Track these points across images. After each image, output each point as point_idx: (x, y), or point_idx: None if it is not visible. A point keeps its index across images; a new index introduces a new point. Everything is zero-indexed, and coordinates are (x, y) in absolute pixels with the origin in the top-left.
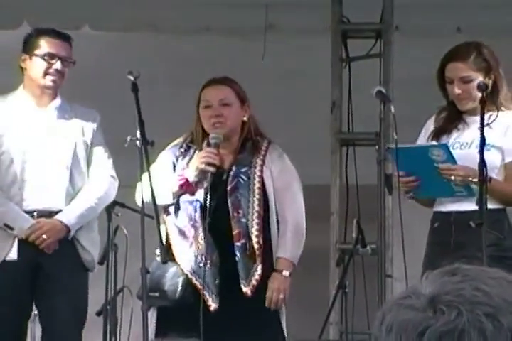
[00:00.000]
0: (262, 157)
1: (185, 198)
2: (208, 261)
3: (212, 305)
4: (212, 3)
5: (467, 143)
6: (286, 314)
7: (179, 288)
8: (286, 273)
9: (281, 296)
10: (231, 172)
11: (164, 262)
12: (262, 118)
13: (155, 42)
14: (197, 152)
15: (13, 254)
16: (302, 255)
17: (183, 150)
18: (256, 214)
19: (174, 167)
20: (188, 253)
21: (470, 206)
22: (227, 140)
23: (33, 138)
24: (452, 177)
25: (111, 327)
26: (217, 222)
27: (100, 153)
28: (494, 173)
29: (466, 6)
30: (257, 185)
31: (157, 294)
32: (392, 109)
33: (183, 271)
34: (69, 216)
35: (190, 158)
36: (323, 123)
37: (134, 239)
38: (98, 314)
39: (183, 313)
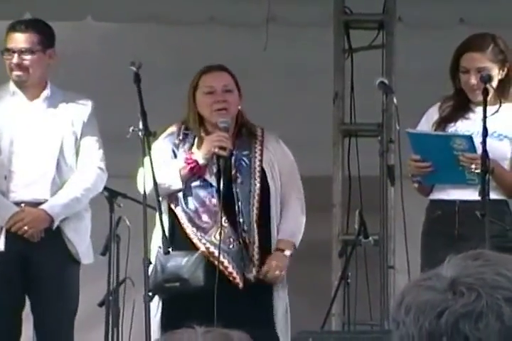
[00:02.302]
0: (259, 142)
1: (196, 183)
2: (236, 242)
3: (240, 283)
4: None
5: (478, 133)
6: (289, 304)
7: (202, 275)
8: (287, 252)
9: (277, 273)
10: (233, 157)
11: (166, 253)
12: (264, 110)
13: (157, 33)
14: (196, 138)
15: (0, 245)
16: (305, 246)
17: (181, 138)
18: (256, 200)
19: (175, 155)
20: (207, 237)
21: (475, 194)
22: None
23: (21, 130)
24: (473, 166)
25: (113, 318)
26: (227, 208)
27: (89, 144)
28: (505, 164)
29: None
30: (258, 168)
31: (177, 284)
32: (395, 100)
33: (202, 256)
34: (53, 206)
35: (192, 145)
36: (326, 115)
37: (137, 230)
38: (100, 305)
39: (196, 302)
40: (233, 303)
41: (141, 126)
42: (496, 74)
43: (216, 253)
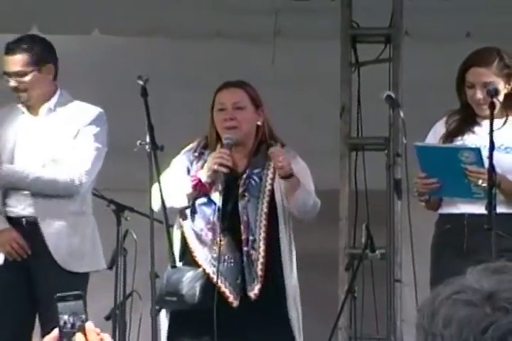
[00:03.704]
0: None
1: (201, 201)
2: (232, 260)
3: (234, 302)
4: (223, 8)
5: (485, 146)
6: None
7: (197, 293)
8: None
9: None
10: (244, 175)
11: (173, 266)
12: (272, 123)
13: (164, 46)
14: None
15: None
16: (312, 259)
17: (196, 154)
18: (264, 218)
19: (189, 171)
20: (208, 255)
21: (484, 208)
22: (241, 144)
23: (21, 146)
24: (480, 181)
25: (120, 332)
26: (232, 226)
27: (82, 140)
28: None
29: (476, 11)
30: (268, 187)
31: (175, 298)
32: (402, 114)
33: (202, 273)
34: (7, 167)
35: (204, 162)
36: (333, 128)
37: (144, 244)
38: (107, 318)
39: (197, 317)
40: (231, 322)
41: (148, 139)
42: (502, 88)
43: (209, 271)
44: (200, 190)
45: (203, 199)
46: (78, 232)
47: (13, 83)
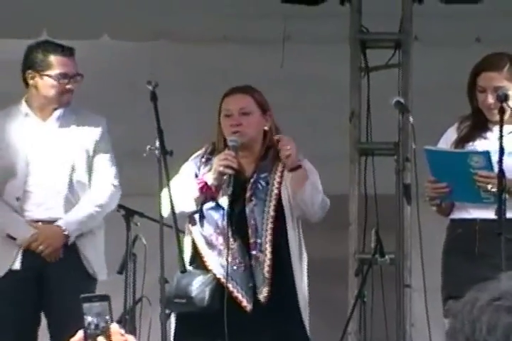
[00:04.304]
0: (282, 163)
1: (209, 206)
2: (242, 265)
3: (248, 306)
4: (231, 13)
5: (495, 152)
6: None
7: (207, 296)
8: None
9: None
10: (252, 179)
11: (183, 271)
12: (281, 127)
13: (172, 51)
14: None
15: (17, 264)
16: (321, 264)
17: (204, 160)
18: (270, 222)
19: (196, 177)
20: (219, 259)
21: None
22: (248, 149)
23: (35, 151)
24: (489, 186)
25: None
26: (240, 230)
27: (102, 161)
28: None
29: (485, 16)
30: (275, 191)
31: (184, 300)
32: (411, 119)
33: (212, 278)
34: (68, 222)
35: (212, 167)
36: (342, 133)
37: (153, 249)
38: (117, 323)
39: (206, 321)
40: (245, 326)
41: (157, 144)
42: None
43: (220, 276)
44: (207, 193)
45: (211, 204)
46: (98, 237)
47: (72, 85)
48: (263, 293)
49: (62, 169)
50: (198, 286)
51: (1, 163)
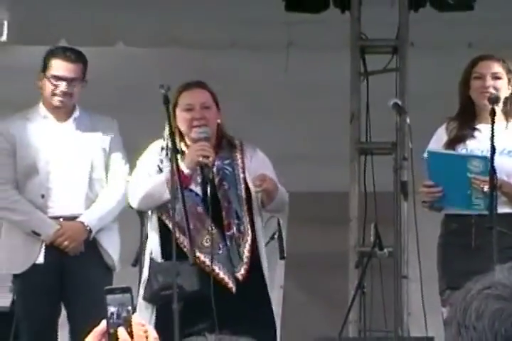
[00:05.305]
0: (239, 151)
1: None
2: (224, 247)
3: (233, 287)
4: (238, 20)
5: (487, 151)
6: (308, 312)
7: (196, 279)
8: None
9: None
10: (215, 166)
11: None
12: (285, 129)
13: (183, 57)
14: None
15: (40, 258)
16: (323, 257)
17: (164, 153)
18: (245, 204)
19: (160, 170)
20: (198, 244)
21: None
22: (207, 140)
23: (55, 150)
24: (485, 188)
25: None
26: (213, 213)
27: (117, 159)
28: None
29: (477, 23)
30: (242, 175)
31: (170, 291)
32: (408, 120)
33: (193, 263)
34: (90, 218)
35: (171, 159)
36: (343, 134)
37: None
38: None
39: (187, 309)
40: (230, 307)
41: (169, 145)
42: (506, 86)
43: (205, 260)
44: (183, 181)
45: (184, 192)
46: (114, 231)
47: (65, 88)
48: (241, 271)
49: (82, 167)
50: (182, 275)
51: (23, 162)
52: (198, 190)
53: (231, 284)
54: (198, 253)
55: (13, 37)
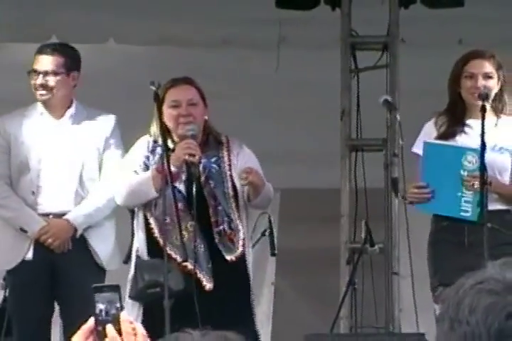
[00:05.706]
0: (226, 148)
1: (166, 191)
2: (202, 246)
3: (208, 285)
4: (229, 18)
5: (478, 147)
6: (299, 308)
7: (181, 277)
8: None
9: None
10: (201, 164)
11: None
12: (276, 126)
13: (174, 55)
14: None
15: (29, 255)
16: (314, 254)
17: (150, 149)
18: (232, 201)
19: (147, 167)
20: (176, 242)
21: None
22: (193, 137)
23: (48, 147)
24: (476, 186)
25: None
26: (198, 211)
27: (112, 156)
28: (506, 175)
29: (467, 20)
30: (228, 172)
31: (158, 289)
32: (398, 117)
33: (174, 261)
34: (76, 215)
35: (160, 157)
36: (334, 131)
37: None
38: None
39: (172, 307)
40: (210, 305)
41: (160, 142)
42: (496, 83)
43: (176, 257)
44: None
45: (168, 190)
46: (107, 228)
47: (40, 80)
48: (235, 253)
49: (73, 166)
50: (166, 273)
51: (16, 159)
52: (181, 186)
53: (206, 282)
54: (169, 251)
55: (5, 35)
